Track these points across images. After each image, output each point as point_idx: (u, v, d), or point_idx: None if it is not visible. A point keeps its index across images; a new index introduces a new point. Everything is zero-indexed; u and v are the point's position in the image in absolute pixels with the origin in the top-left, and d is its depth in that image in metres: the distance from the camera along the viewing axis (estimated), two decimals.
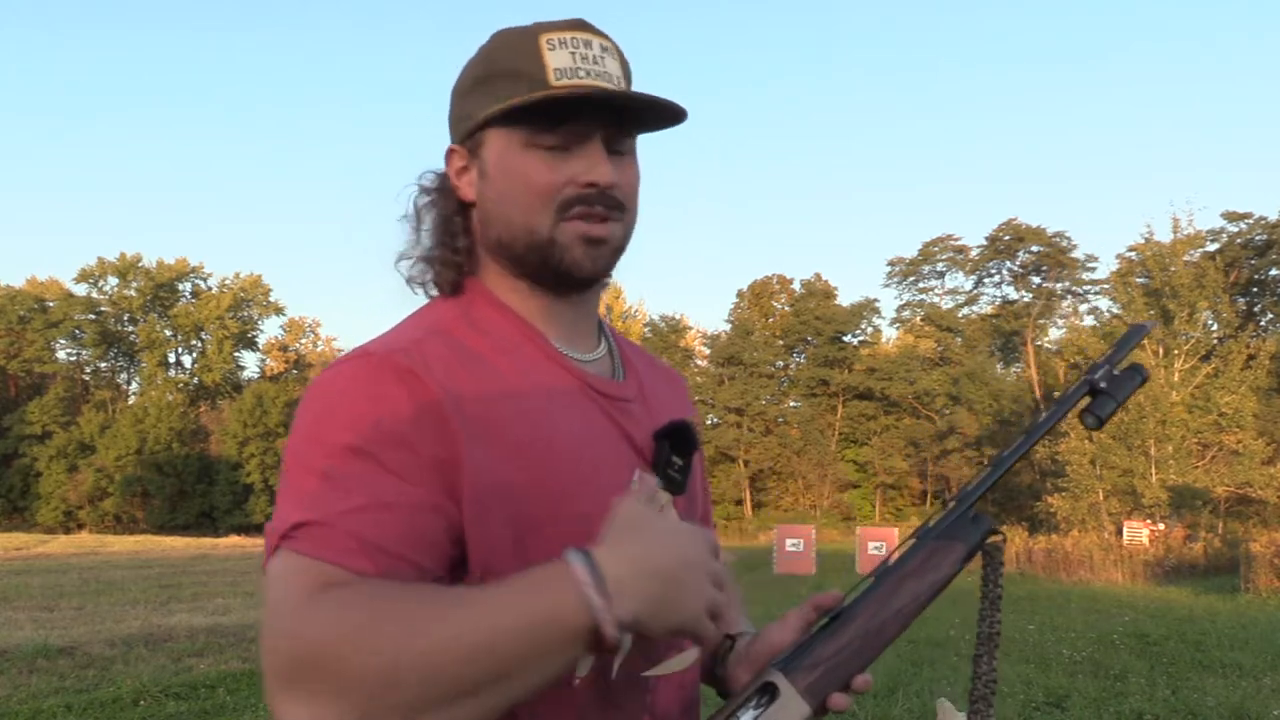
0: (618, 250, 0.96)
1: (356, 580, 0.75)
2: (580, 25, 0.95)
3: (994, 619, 0.95)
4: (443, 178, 1.01)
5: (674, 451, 0.97)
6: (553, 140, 0.92)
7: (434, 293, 1.00)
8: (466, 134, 0.97)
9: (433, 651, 0.69)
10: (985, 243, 50.65)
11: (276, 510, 0.81)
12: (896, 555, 0.96)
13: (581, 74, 0.92)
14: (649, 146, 1.08)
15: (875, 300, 55.81)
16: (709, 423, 50.24)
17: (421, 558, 0.80)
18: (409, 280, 1.01)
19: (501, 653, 0.70)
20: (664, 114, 0.95)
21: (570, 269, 0.94)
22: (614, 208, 0.94)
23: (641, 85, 1.01)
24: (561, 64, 0.91)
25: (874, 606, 0.93)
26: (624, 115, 0.94)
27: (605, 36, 0.96)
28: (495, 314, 0.97)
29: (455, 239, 0.99)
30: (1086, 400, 1.02)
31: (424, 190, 1.01)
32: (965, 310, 53.17)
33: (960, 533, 0.96)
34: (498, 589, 0.73)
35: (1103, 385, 1.01)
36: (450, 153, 1.00)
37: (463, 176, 0.98)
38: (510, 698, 0.72)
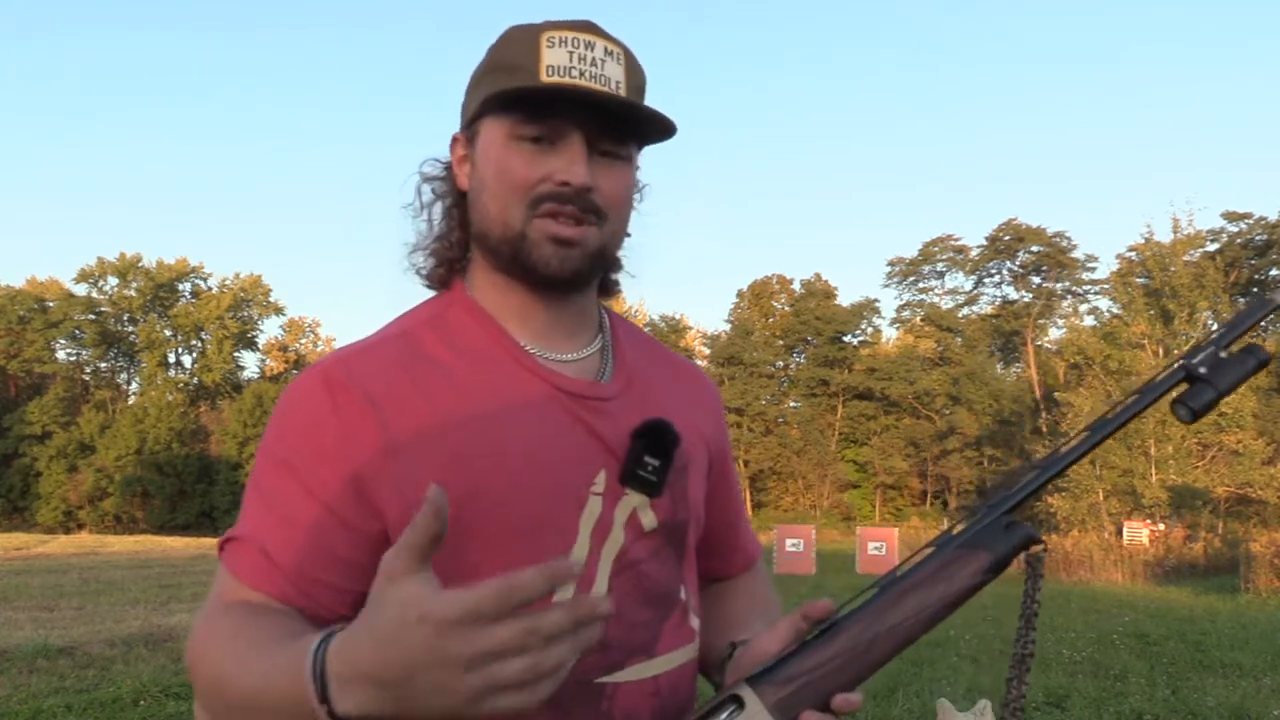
0: (593, 256, 0.94)
1: (253, 604, 0.85)
2: (586, 27, 0.94)
3: (1028, 638, 0.86)
4: (447, 166, 1.01)
5: (650, 451, 0.94)
6: (534, 133, 0.91)
7: (426, 284, 1.02)
8: (466, 123, 0.98)
9: (228, 693, 0.78)
10: (985, 243, 50.69)
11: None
12: (909, 564, 0.87)
13: (574, 73, 0.90)
14: (650, 146, 1.08)
15: (875, 300, 55.89)
16: None
17: (326, 573, 0.87)
18: (415, 271, 1.02)
19: (267, 713, 0.74)
20: (652, 124, 0.94)
21: (537, 266, 0.93)
22: (589, 211, 0.92)
23: (646, 89, 0.99)
24: (555, 61, 0.91)
25: (867, 620, 0.84)
26: (612, 119, 0.92)
27: (614, 41, 0.95)
28: (468, 317, 0.97)
29: (451, 231, 0.99)
30: (1183, 388, 0.86)
31: (427, 179, 1.01)
32: (965, 310, 53.22)
33: (987, 541, 0.85)
34: (276, 655, 0.75)
35: (1202, 371, 0.85)
36: (454, 140, 1.00)
37: (462, 166, 0.99)
38: None
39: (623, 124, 0.93)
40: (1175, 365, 0.87)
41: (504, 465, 0.90)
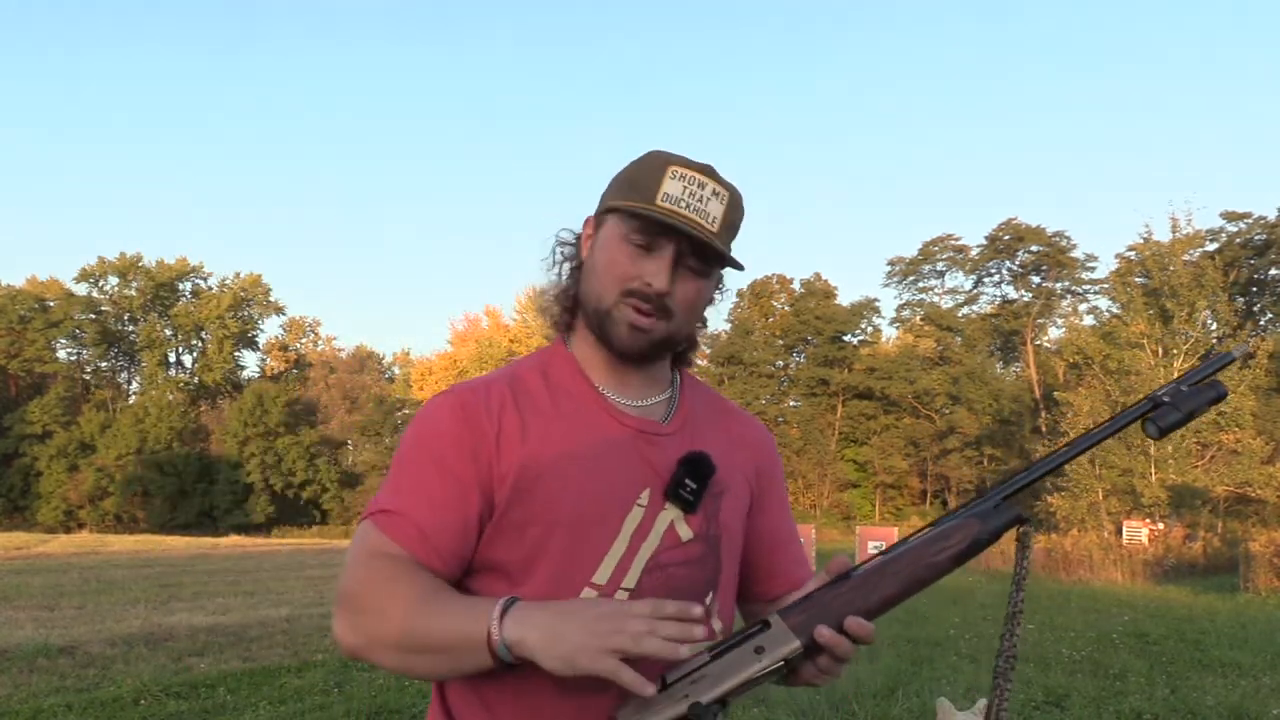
0: (659, 344, 1.20)
1: (400, 557, 1.12)
2: (705, 170, 1.19)
3: (1018, 599, 1.06)
4: (578, 237, 1.28)
5: (690, 476, 1.19)
6: (640, 241, 1.17)
7: (551, 326, 1.30)
8: (599, 212, 1.24)
9: (406, 628, 1.06)
10: (985, 242, 50.69)
11: (378, 492, 1.18)
12: (915, 533, 1.07)
13: (682, 205, 1.16)
14: (654, 142, 1.17)
15: (875, 300, 55.83)
16: None
17: (457, 544, 1.14)
18: (541, 311, 1.31)
19: (441, 643, 1.05)
20: (726, 260, 1.20)
21: (613, 340, 1.20)
22: (662, 310, 1.18)
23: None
24: (672, 191, 1.17)
25: (874, 567, 1.06)
26: (700, 245, 1.17)
27: (724, 184, 1.20)
28: (562, 365, 1.26)
29: (571, 288, 1.27)
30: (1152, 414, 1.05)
31: (561, 243, 1.29)
32: (965, 310, 53.19)
33: (982, 516, 1.05)
34: (457, 604, 1.07)
35: (1166, 399, 1.04)
36: (586, 221, 1.27)
37: (588, 242, 1.25)
38: (450, 667, 1.07)
39: (707, 251, 1.18)
40: (1145, 398, 1.07)
41: (568, 470, 1.16)
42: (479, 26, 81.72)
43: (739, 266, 1.22)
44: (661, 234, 1.16)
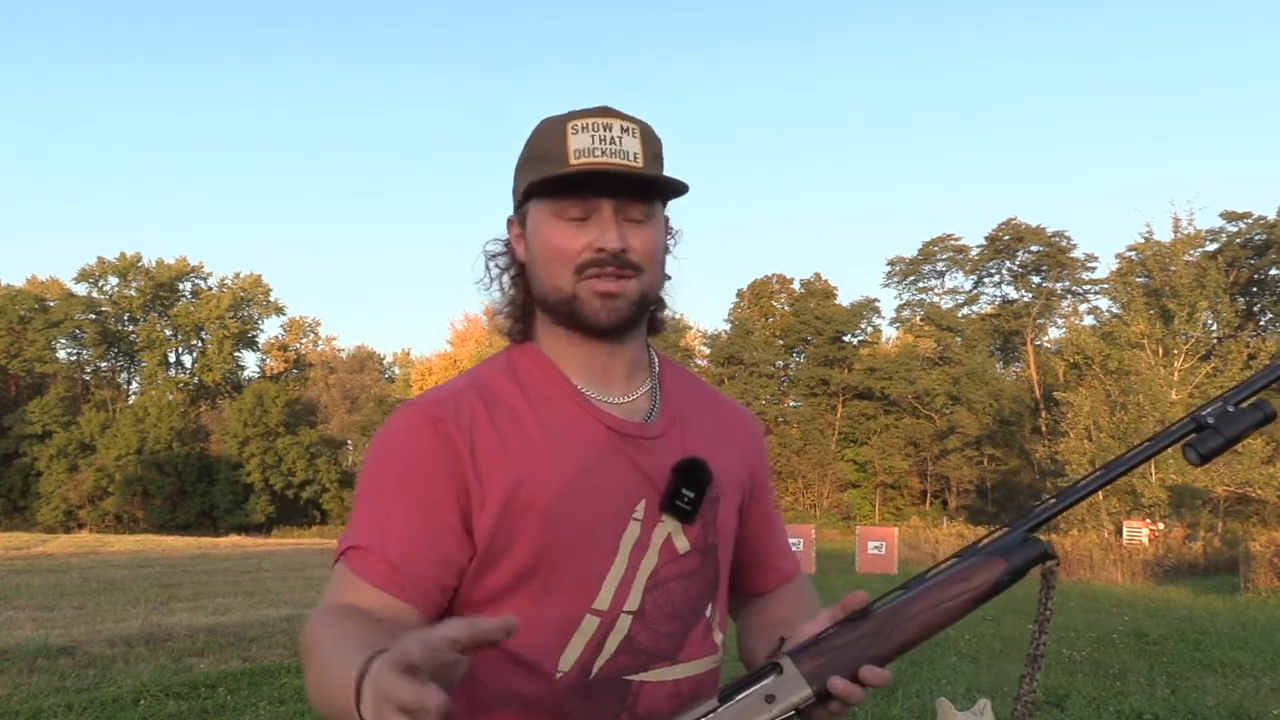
0: (636, 304, 1.11)
1: (357, 606, 1.00)
2: (604, 112, 1.10)
3: (1040, 641, 0.98)
4: (507, 242, 1.19)
5: (686, 484, 1.11)
6: (572, 211, 1.08)
7: (509, 340, 1.19)
8: (516, 206, 1.16)
9: (320, 685, 0.88)
10: (985, 242, 50.63)
11: (347, 527, 1.07)
12: (937, 568, 1.00)
13: (598, 153, 1.07)
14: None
15: (875, 300, 55.78)
16: None
17: (443, 577, 1.04)
18: (494, 329, 1.21)
19: (326, 699, 0.85)
20: (669, 185, 1.10)
21: (589, 320, 1.10)
22: (626, 267, 1.08)
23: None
24: (581, 145, 1.07)
25: (892, 609, 0.99)
26: (635, 187, 1.08)
27: (630, 119, 1.11)
28: (534, 366, 1.15)
29: (518, 294, 1.17)
30: (1193, 436, 0.96)
31: (491, 255, 1.19)
32: (965, 310, 53.12)
33: (1005, 552, 0.98)
34: (349, 662, 0.81)
35: (1210, 421, 0.96)
36: (509, 221, 1.19)
37: (519, 242, 1.17)
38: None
39: (645, 190, 1.09)
40: (1187, 416, 0.97)
41: (556, 489, 1.07)
42: (479, 26, 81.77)
43: (682, 188, 1.11)
44: (591, 191, 1.07)
